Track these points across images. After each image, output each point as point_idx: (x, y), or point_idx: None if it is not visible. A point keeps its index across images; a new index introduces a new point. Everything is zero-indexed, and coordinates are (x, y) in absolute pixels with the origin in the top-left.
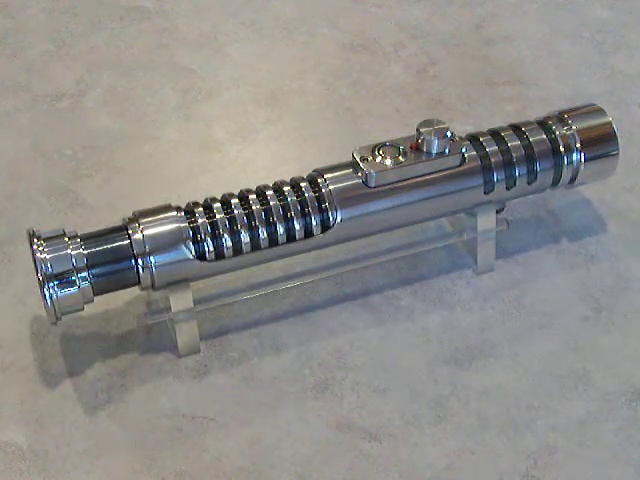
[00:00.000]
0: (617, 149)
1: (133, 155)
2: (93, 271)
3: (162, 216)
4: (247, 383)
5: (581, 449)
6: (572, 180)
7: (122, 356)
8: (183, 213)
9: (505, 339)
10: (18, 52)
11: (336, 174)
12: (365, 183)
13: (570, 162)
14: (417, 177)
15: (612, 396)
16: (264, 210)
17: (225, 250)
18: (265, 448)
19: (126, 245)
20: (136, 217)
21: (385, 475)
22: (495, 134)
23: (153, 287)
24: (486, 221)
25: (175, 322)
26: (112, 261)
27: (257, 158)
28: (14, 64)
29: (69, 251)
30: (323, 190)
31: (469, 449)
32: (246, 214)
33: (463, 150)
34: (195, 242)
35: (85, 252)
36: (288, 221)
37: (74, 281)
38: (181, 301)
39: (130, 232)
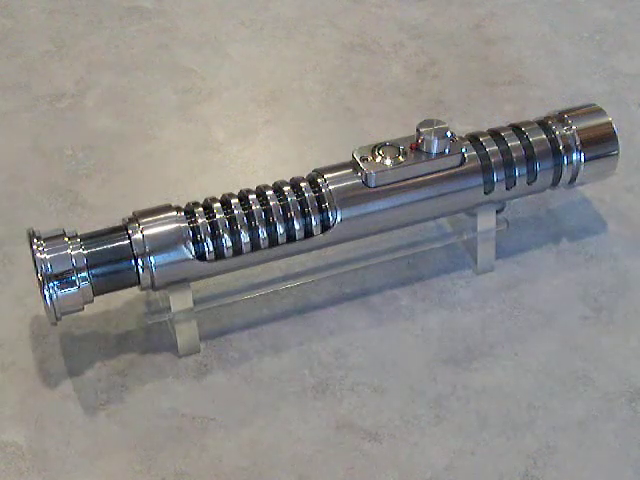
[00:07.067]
0: (617, 149)
1: (133, 155)
2: (93, 271)
3: (162, 216)
4: (247, 383)
5: (581, 449)
6: (572, 180)
7: (122, 356)
8: (183, 213)
9: (505, 339)
10: (18, 52)
11: (336, 174)
12: (365, 183)
13: (570, 162)
14: (417, 177)
15: (612, 396)
16: (264, 210)
17: (225, 250)
18: (265, 448)
19: (126, 245)
20: (136, 217)
21: (385, 475)
22: (495, 134)
23: (153, 287)
24: (486, 221)
25: (175, 322)
26: (112, 261)
27: (257, 158)
28: (14, 64)
29: (69, 251)
30: (323, 190)
31: (469, 449)
32: (246, 214)
33: (463, 150)
34: (195, 242)
35: (85, 252)
36: (288, 221)
37: (74, 281)
38: (181, 301)
39: (130, 232)
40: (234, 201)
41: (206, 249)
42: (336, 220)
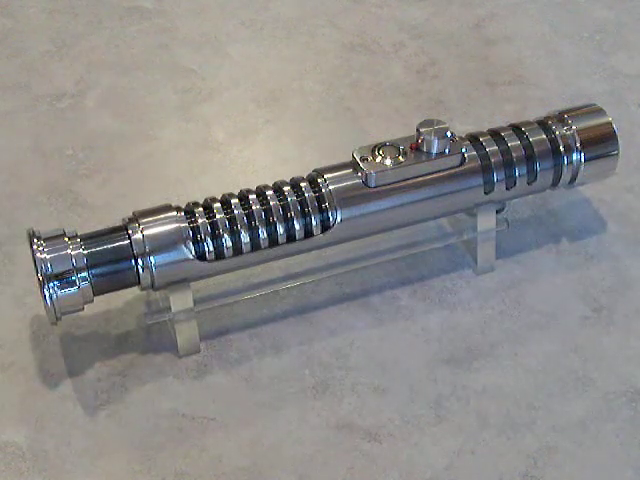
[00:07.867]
0: (617, 149)
1: (133, 155)
2: (93, 271)
3: (162, 216)
4: (247, 383)
5: (581, 449)
6: (572, 180)
7: (122, 356)
8: (183, 213)
9: (505, 339)
10: (18, 52)
11: (336, 174)
12: (365, 183)
13: (570, 162)
14: (417, 177)
15: (612, 396)
16: (264, 210)
17: (225, 250)
18: (265, 448)
19: (126, 245)
20: (136, 217)
21: (385, 475)
22: (495, 134)
23: (153, 287)
24: (486, 221)
25: (175, 322)
26: (112, 261)
27: (257, 158)
28: (14, 64)
29: (69, 251)
30: (323, 190)
31: (469, 449)
32: (246, 214)
33: (463, 150)
34: (195, 242)
35: (85, 252)
36: (288, 221)
37: (74, 281)
38: (181, 301)
39: (130, 232)
40: (234, 201)
41: (206, 249)
42: (336, 220)
